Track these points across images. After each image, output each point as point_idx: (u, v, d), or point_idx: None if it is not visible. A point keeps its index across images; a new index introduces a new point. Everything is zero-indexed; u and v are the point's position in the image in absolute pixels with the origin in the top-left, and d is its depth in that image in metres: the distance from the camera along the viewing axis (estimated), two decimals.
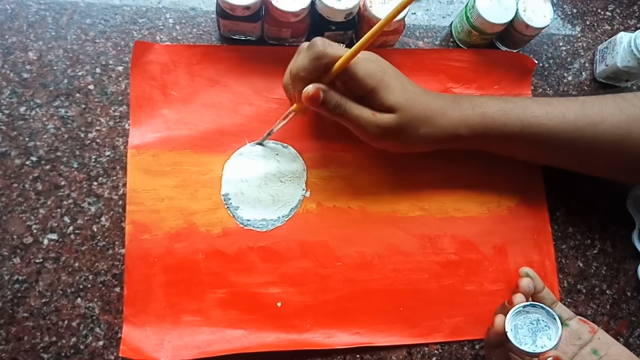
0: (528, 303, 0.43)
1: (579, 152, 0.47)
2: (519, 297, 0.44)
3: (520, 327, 0.42)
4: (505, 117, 0.46)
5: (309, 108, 0.44)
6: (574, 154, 0.47)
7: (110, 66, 0.49)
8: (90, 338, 0.44)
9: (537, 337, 0.42)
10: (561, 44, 0.58)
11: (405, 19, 0.49)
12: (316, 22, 0.49)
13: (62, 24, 0.49)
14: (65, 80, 0.48)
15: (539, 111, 0.46)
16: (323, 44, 0.41)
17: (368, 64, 0.43)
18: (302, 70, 0.42)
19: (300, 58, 0.42)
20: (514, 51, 0.56)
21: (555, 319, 0.42)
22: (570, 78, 0.57)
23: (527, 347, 0.41)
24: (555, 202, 0.54)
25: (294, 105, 0.46)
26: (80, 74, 0.48)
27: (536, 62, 0.55)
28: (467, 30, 0.53)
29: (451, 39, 0.56)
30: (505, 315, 0.43)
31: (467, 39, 0.54)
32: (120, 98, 0.49)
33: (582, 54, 0.58)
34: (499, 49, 0.56)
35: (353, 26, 0.50)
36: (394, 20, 0.40)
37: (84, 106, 0.48)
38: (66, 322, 0.44)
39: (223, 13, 0.47)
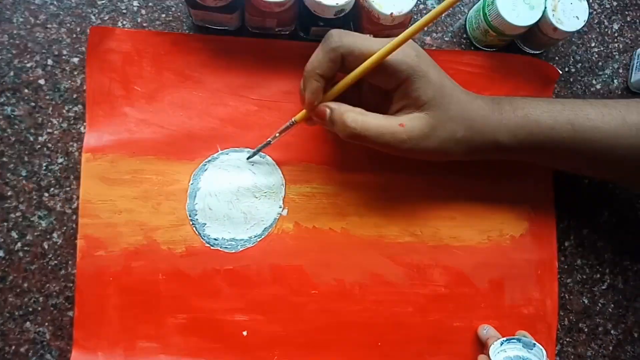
0: (504, 339, 0.41)
1: None
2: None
3: None
4: (553, 120, 0.39)
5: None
6: (637, 165, 0.40)
7: (64, 57, 0.43)
8: None
9: None
10: (593, 44, 0.50)
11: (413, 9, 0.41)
12: (303, 15, 0.42)
13: (7, 4, 0.42)
14: (12, 73, 0.42)
15: (593, 113, 0.39)
16: (339, 35, 0.36)
17: (402, 47, 0.35)
18: (317, 67, 0.36)
19: (314, 54, 0.37)
20: (537, 52, 0.48)
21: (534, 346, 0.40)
22: (598, 86, 0.49)
23: None
24: (565, 231, 0.48)
25: (301, 113, 0.39)
26: (29, 65, 0.42)
27: (560, 71, 0.47)
28: (484, 28, 0.45)
29: (464, 35, 0.48)
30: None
31: (483, 37, 0.46)
32: (75, 96, 0.43)
33: (617, 57, 0.50)
34: (518, 47, 0.48)
35: (346, 23, 0.42)
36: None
37: (33, 104, 0.42)
38: (14, 347, 0.41)
39: (192, 1, 0.40)
